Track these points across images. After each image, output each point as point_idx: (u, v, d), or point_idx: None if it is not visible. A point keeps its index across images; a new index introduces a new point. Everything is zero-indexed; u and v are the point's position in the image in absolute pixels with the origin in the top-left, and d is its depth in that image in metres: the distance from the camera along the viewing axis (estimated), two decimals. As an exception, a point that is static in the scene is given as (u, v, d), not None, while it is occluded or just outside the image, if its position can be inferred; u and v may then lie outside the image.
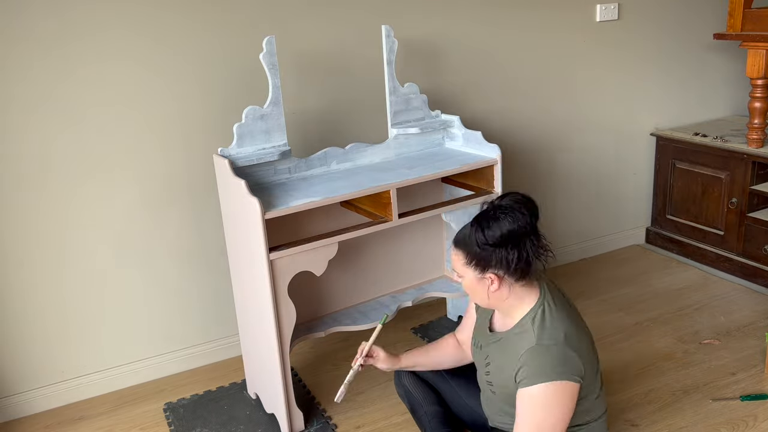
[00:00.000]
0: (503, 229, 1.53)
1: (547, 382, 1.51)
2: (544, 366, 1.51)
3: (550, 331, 1.56)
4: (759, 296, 2.92)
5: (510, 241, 1.53)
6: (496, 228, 1.53)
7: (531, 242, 1.55)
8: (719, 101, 3.62)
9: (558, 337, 1.55)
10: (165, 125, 2.38)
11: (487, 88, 2.94)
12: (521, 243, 1.54)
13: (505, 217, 1.53)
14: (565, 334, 1.56)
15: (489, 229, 1.54)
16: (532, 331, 1.57)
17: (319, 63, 2.56)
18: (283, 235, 2.22)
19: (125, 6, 2.22)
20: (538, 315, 1.59)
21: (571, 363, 1.53)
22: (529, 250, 1.55)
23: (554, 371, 1.51)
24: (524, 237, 1.54)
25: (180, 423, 2.31)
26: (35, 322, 2.35)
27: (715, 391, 2.28)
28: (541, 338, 1.55)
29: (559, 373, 1.51)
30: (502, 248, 1.54)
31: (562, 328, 1.57)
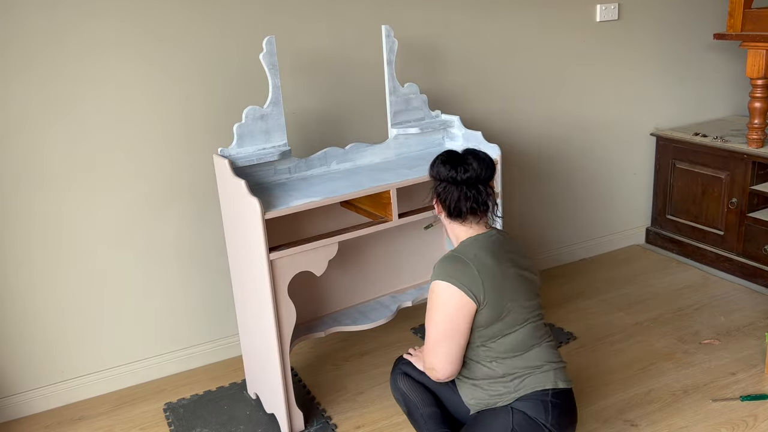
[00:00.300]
0: (437, 171, 1.78)
1: (438, 280, 1.69)
2: (443, 267, 1.70)
3: (466, 249, 1.74)
4: (759, 296, 2.92)
5: (440, 182, 1.78)
6: (435, 168, 1.79)
7: (459, 194, 1.75)
8: (719, 101, 3.62)
9: (468, 254, 1.71)
10: (165, 125, 2.38)
11: (487, 89, 2.94)
12: (450, 188, 1.76)
13: (447, 163, 1.77)
14: (476, 254, 1.71)
15: (433, 166, 1.81)
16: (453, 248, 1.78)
17: (319, 63, 2.56)
18: (283, 235, 2.22)
19: (125, 5, 2.22)
20: (468, 240, 1.77)
21: (467, 275, 1.67)
22: (454, 198, 1.75)
23: (447, 274, 1.68)
24: (453, 185, 1.75)
25: (180, 423, 2.31)
26: (35, 322, 2.35)
27: (715, 391, 2.28)
28: (455, 251, 1.75)
29: (450, 277, 1.67)
30: (437, 183, 1.80)
31: (477, 251, 1.72)
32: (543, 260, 3.33)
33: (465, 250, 1.74)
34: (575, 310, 2.88)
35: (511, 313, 1.71)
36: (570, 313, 2.88)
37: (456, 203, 1.76)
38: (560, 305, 2.94)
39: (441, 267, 1.71)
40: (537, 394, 1.71)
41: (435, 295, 1.70)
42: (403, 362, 2.00)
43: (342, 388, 2.44)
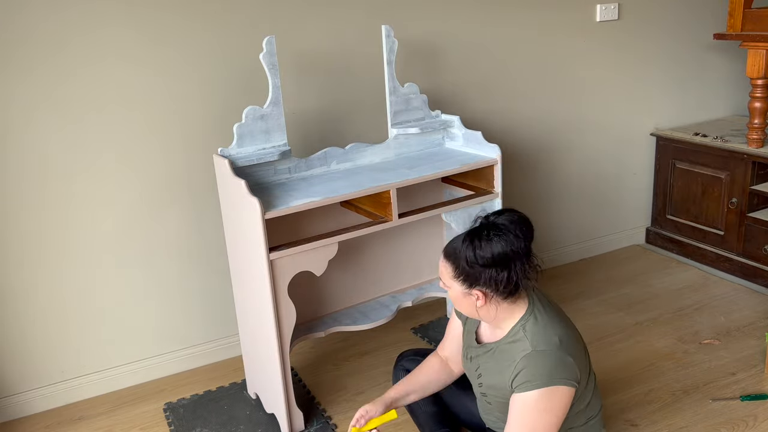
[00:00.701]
0: (494, 251, 1.51)
1: (544, 387, 1.50)
2: (542, 371, 1.51)
3: (543, 336, 1.56)
4: (759, 296, 2.92)
5: (500, 263, 1.52)
6: (488, 249, 1.51)
7: (522, 264, 1.54)
8: (719, 101, 3.62)
9: (553, 341, 1.55)
10: (165, 125, 2.38)
11: (487, 88, 2.94)
12: (511, 265, 1.52)
13: (499, 240, 1.51)
14: (559, 338, 1.56)
15: (480, 249, 1.52)
16: (526, 338, 1.57)
17: (319, 63, 2.56)
18: (283, 235, 2.22)
19: (125, 6, 2.22)
20: (530, 323, 1.58)
21: (568, 368, 1.53)
22: (518, 272, 1.53)
23: (552, 376, 1.51)
24: (515, 260, 1.52)
25: (180, 423, 2.31)
26: (35, 322, 2.35)
27: (715, 391, 2.28)
28: (536, 344, 1.54)
29: (556, 378, 1.51)
30: (491, 269, 1.52)
31: (555, 333, 1.57)
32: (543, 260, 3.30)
33: (543, 339, 1.55)
34: (575, 310, 2.88)
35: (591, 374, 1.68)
36: (570, 313, 2.87)
37: (508, 278, 1.52)
38: (561, 305, 2.93)
39: (536, 371, 1.50)
40: None
41: (539, 404, 1.50)
42: (406, 358, 1.99)
43: (342, 388, 2.44)
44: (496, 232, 1.52)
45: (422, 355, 1.97)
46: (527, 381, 1.51)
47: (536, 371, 1.51)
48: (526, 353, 1.54)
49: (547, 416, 1.51)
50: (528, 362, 1.52)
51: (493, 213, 1.59)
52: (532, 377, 1.51)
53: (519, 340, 1.58)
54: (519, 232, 1.53)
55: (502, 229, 1.53)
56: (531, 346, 1.55)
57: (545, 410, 1.51)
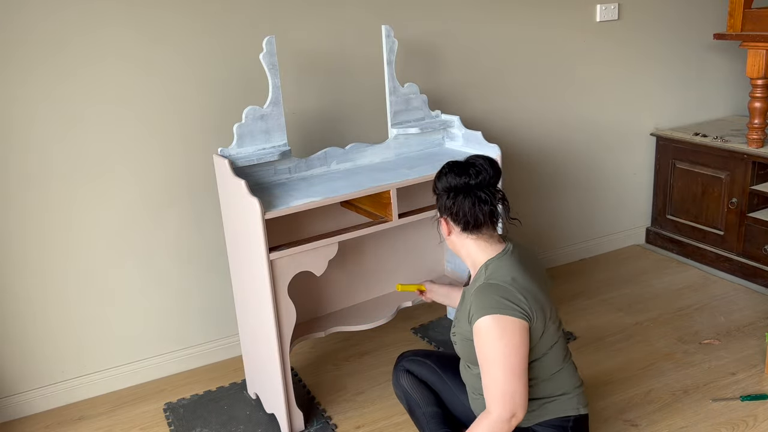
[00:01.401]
0: (448, 182, 1.68)
1: (491, 315, 1.55)
2: (489, 300, 1.57)
3: (499, 273, 1.63)
4: (759, 296, 2.92)
5: (451, 193, 1.67)
6: (444, 180, 1.68)
7: (474, 200, 1.65)
8: (719, 101, 3.62)
9: (506, 279, 1.61)
10: (165, 125, 2.38)
11: (487, 88, 2.94)
12: (461, 198, 1.66)
13: (456, 174, 1.67)
14: (512, 277, 1.61)
15: (439, 179, 1.70)
16: (484, 275, 1.65)
17: (319, 63, 2.56)
18: (283, 235, 2.22)
19: (125, 6, 2.22)
20: (493, 263, 1.66)
21: (516, 301, 1.57)
22: (469, 207, 1.65)
23: (498, 305, 1.56)
24: (465, 193, 1.65)
25: (180, 423, 2.31)
26: (36, 322, 2.35)
27: (715, 391, 2.28)
28: (489, 278, 1.63)
29: (502, 308, 1.55)
30: (444, 197, 1.69)
31: (511, 273, 1.62)
32: (543, 260, 3.33)
33: (498, 275, 1.62)
34: (575, 310, 2.88)
35: (548, 331, 1.64)
36: (570, 312, 2.88)
37: (471, 212, 1.64)
38: (560, 305, 2.94)
39: (483, 300, 1.57)
40: (558, 421, 1.68)
41: (489, 332, 1.55)
42: (406, 359, 1.99)
43: (342, 388, 2.45)
44: (456, 167, 1.68)
45: (422, 356, 1.97)
46: (477, 310, 1.58)
47: (484, 301, 1.57)
48: (478, 285, 1.63)
49: (501, 344, 1.54)
50: (477, 294, 1.60)
51: (474, 155, 1.73)
52: (481, 306, 1.57)
53: (479, 277, 1.67)
54: (474, 171, 1.66)
55: (464, 166, 1.68)
56: (484, 279, 1.63)
57: (498, 338, 1.55)
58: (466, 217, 1.66)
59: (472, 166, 1.67)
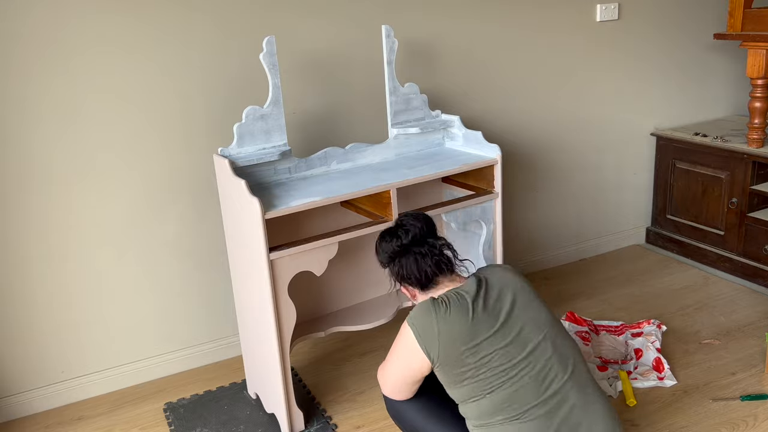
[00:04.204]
0: (384, 250, 1.75)
1: (407, 321, 1.64)
2: (415, 310, 1.64)
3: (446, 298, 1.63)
4: (759, 296, 2.92)
5: (394, 259, 1.73)
6: (381, 249, 1.76)
7: (416, 257, 1.70)
8: (719, 101, 3.62)
9: (437, 304, 1.61)
10: (165, 125, 2.38)
11: (487, 88, 2.94)
12: (404, 261, 1.71)
13: (385, 239, 1.74)
14: (447, 308, 1.60)
15: (377, 252, 1.77)
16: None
17: (319, 63, 2.56)
18: (283, 235, 2.22)
19: (126, 6, 2.22)
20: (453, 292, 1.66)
21: (426, 324, 1.59)
22: (414, 266, 1.69)
23: (413, 317, 1.62)
24: (404, 255, 1.71)
25: (180, 423, 2.31)
26: (35, 322, 2.35)
27: (715, 391, 2.28)
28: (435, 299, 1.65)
29: (413, 322, 1.62)
30: (392, 265, 1.75)
31: (450, 306, 1.61)
32: (543, 260, 3.33)
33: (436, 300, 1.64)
34: (575, 310, 2.88)
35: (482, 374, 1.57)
36: (570, 313, 2.88)
37: (419, 269, 1.69)
38: (560, 305, 2.94)
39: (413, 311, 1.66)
40: None
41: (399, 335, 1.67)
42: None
43: (342, 388, 2.45)
44: (389, 234, 1.75)
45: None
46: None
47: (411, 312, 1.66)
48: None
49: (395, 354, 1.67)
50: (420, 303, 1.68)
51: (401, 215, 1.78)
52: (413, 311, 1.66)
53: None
54: (403, 231, 1.72)
55: (393, 230, 1.74)
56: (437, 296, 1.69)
57: (397, 344, 1.66)
58: (417, 276, 1.70)
59: (400, 227, 1.73)
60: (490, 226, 2.39)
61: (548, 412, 1.55)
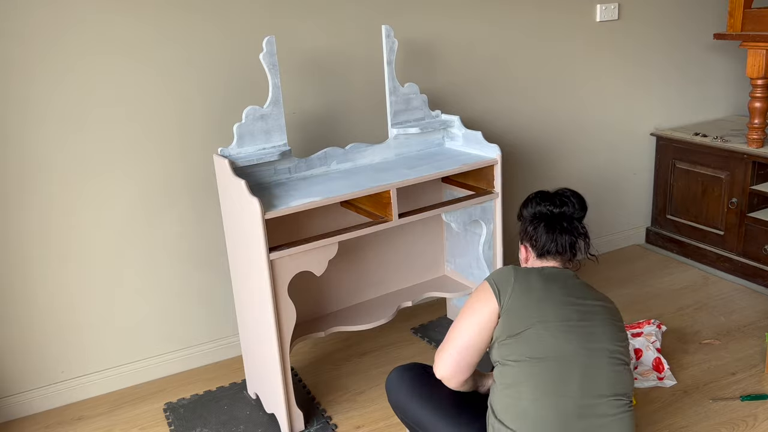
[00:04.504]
0: (532, 208, 1.74)
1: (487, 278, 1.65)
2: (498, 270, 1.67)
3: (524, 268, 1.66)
4: (759, 296, 2.92)
5: (534, 220, 1.72)
6: (529, 205, 1.75)
7: (555, 229, 1.68)
8: (719, 101, 3.62)
9: (520, 268, 1.64)
10: (165, 125, 2.38)
11: (487, 88, 2.94)
12: (542, 226, 1.70)
13: (538, 198, 1.74)
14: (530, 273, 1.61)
15: (525, 205, 1.77)
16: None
17: (319, 63, 2.56)
18: (283, 235, 2.22)
19: (126, 6, 2.22)
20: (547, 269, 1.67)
21: (503, 276, 1.61)
22: (548, 235, 1.68)
23: (494, 274, 1.64)
24: (546, 221, 1.69)
25: (180, 423, 2.31)
26: (36, 322, 2.35)
27: (715, 391, 2.28)
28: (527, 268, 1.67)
29: (489, 275, 1.66)
30: (527, 223, 1.74)
31: (533, 273, 1.62)
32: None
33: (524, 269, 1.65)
34: (575, 310, 2.88)
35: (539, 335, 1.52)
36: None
37: (549, 240, 1.67)
38: (560, 305, 2.93)
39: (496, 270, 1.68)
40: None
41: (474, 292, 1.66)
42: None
43: (342, 388, 2.45)
44: (545, 196, 1.74)
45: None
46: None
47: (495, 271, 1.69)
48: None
49: (464, 308, 1.64)
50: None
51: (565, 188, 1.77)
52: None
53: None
54: (559, 200, 1.71)
55: (551, 195, 1.74)
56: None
57: (467, 302, 1.65)
58: (543, 244, 1.69)
59: (558, 196, 1.72)
60: (490, 226, 2.40)
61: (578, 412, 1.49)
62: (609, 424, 1.50)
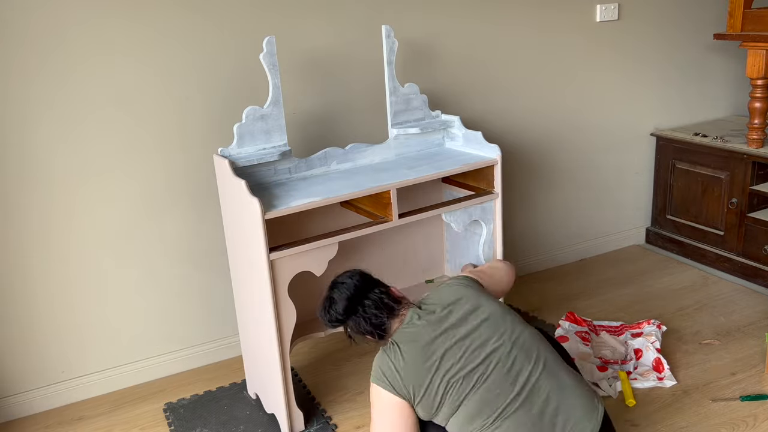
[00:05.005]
0: (331, 320, 1.78)
1: (371, 380, 1.69)
2: (373, 367, 1.70)
3: (393, 340, 1.70)
4: (759, 296, 2.92)
5: (346, 316, 1.77)
6: (327, 321, 1.80)
7: (357, 319, 1.75)
8: (719, 101, 3.62)
9: (388, 351, 1.67)
10: (165, 126, 2.38)
11: (487, 89, 2.94)
12: (349, 324, 1.77)
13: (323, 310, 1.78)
14: (398, 348, 1.66)
15: (326, 312, 1.79)
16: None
17: (319, 63, 2.56)
18: (283, 235, 2.22)
19: (126, 7, 2.22)
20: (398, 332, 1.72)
21: (386, 371, 1.64)
22: (359, 327, 1.76)
23: (374, 373, 1.67)
24: (345, 321, 1.77)
25: (180, 423, 2.31)
26: (35, 322, 2.35)
27: (715, 391, 2.28)
28: (385, 346, 1.71)
29: (375, 377, 1.67)
30: (347, 322, 1.79)
31: (404, 341, 1.67)
32: (543, 260, 3.33)
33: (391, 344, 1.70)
34: (575, 311, 2.88)
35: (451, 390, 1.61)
36: (570, 313, 2.88)
37: (364, 329, 1.75)
38: (560, 305, 2.94)
39: (373, 366, 1.70)
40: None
41: (372, 398, 1.69)
42: None
43: (342, 388, 2.45)
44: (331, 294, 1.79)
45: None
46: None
47: (374, 365, 1.71)
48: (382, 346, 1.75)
49: (373, 412, 1.67)
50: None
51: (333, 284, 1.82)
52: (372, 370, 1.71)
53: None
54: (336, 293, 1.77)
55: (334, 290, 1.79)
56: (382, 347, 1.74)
57: (372, 405, 1.68)
58: (367, 334, 1.76)
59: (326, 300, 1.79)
60: (490, 226, 2.40)
61: (524, 404, 1.59)
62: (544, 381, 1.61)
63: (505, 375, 1.61)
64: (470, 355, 1.63)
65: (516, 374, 1.61)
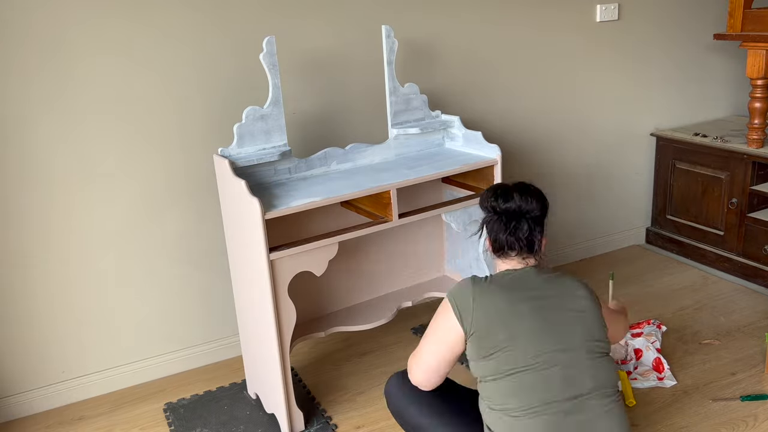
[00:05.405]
0: (485, 199, 1.71)
1: (446, 295, 1.65)
2: (456, 285, 1.66)
3: (491, 274, 1.68)
4: (759, 296, 2.92)
5: (488, 212, 1.71)
6: (484, 195, 1.73)
7: (502, 223, 1.66)
8: (719, 101, 3.62)
9: (478, 279, 1.63)
10: (165, 126, 2.38)
11: (487, 88, 2.94)
12: (493, 219, 1.68)
13: (491, 192, 1.71)
14: (489, 283, 1.61)
15: (481, 195, 1.74)
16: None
17: (319, 63, 2.56)
18: (283, 235, 2.22)
19: (126, 7, 2.22)
20: (503, 272, 1.68)
21: (463, 296, 1.59)
22: (495, 228, 1.67)
23: (452, 290, 1.63)
24: (495, 215, 1.68)
25: (180, 423, 2.31)
26: (35, 322, 2.35)
27: (715, 391, 2.28)
28: (478, 277, 1.66)
29: (451, 293, 1.62)
30: (485, 216, 1.72)
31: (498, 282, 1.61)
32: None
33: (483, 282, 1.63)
34: (575, 310, 2.88)
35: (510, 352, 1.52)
36: (570, 313, 2.88)
37: (496, 235, 1.66)
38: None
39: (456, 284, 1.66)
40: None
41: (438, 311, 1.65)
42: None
43: (342, 388, 2.45)
44: (495, 191, 1.71)
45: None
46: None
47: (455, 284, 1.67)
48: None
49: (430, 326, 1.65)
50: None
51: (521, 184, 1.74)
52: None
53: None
54: (503, 198, 1.68)
55: (508, 191, 1.70)
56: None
57: (433, 320, 1.66)
58: (500, 242, 1.66)
59: (518, 190, 1.68)
60: (490, 226, 2.39)
61: (564, 414, 1.51)
62: (597, 418, 1.52)
63: (566, 377, 1.52)
64: (547, 339, 1.53)
65: (576, 385, 1.52)
